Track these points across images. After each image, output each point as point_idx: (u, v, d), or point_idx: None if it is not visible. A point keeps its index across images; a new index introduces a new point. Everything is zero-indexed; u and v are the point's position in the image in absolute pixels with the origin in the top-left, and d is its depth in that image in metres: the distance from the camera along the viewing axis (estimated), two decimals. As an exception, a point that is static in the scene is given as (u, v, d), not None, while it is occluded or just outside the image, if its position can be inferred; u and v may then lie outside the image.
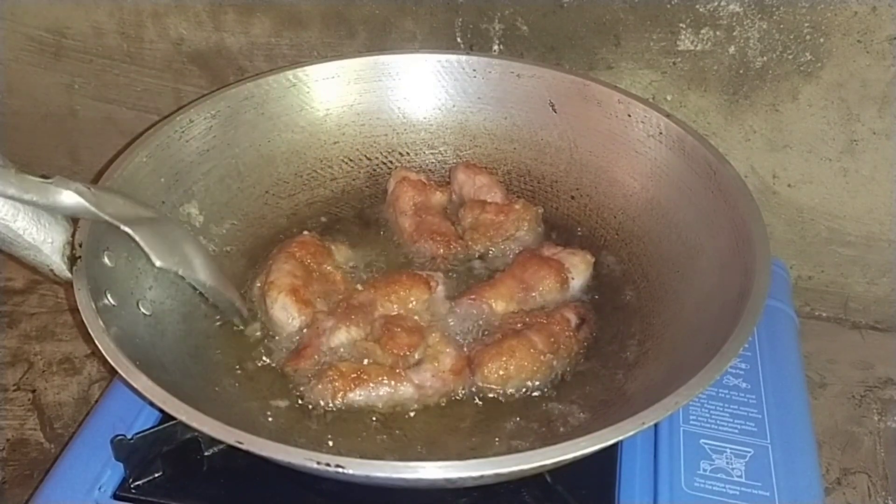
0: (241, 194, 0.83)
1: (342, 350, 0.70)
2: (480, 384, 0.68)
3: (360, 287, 0.75)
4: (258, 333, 0.73)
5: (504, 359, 0.68)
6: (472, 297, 0.73)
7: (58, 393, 0.92)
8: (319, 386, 0.66)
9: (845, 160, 0.88)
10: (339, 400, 0.66)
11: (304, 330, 0.72)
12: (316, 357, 0.69)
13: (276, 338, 0.72)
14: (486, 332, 0.72)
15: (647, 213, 0.79)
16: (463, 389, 0.68)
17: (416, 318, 0.72)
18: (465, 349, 0.71)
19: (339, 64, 0.87)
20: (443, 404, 0.68)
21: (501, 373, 0.68)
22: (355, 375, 0.66)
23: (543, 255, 0.77)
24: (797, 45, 0.83)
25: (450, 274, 0.78)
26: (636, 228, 0.80)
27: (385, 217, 0.86)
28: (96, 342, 0.57)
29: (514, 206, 0.82)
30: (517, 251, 0.79)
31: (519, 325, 0.71)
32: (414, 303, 0.73)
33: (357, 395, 0.66)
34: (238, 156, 0.83)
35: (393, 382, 0.67)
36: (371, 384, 0.66)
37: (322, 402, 0.66)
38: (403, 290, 0.73)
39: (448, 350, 0.69)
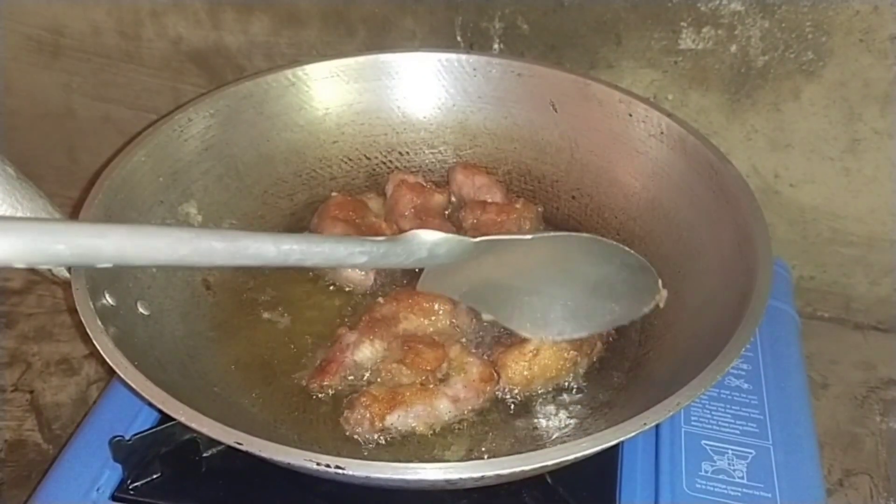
0: (239, 194, 0.82)
1: (367, 365, 0.68)
2: (505, 386, 0.68)
3: (381, 300, 0.73)
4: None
5: (528, 359, 0.67)
6: None
7: (56, 394, 0.92)
8: (356, 415, 0.64)
9: (847, 160, 0.87)
10: (378, 425, 0.63)
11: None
12: (340, 373, 0.68)
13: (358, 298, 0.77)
14: (508, 334, 0.71)
15: (648, 213, 0.79)
16: (496, 395, 0.68)
17: (440, 329, 0.71)
18: (486, 356, 0.69)
19: (339, 63, 0.86)
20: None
21: (526, 374, 0.67)
22: (391, 397, 0.64)
23: None
24: (799, 43, 0.83)
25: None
26: (637, 228, 0.79)
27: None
28: (95, 343, 0.57)
29: (515, 205, 0.82)
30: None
31: None
32: (438, 313, 0.71)
33: (395, 418, 0.64)
34: (237, 155, 0.82)
35: (428, 399, 0.65)
36: (407, 404, 0.64)
37: (360, 430, 0.64)
38: (427, 301, 0.71)
39: (471, 360, 0.68)
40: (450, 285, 0.65)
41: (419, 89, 0.88)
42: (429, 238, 0.58)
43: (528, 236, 0.60)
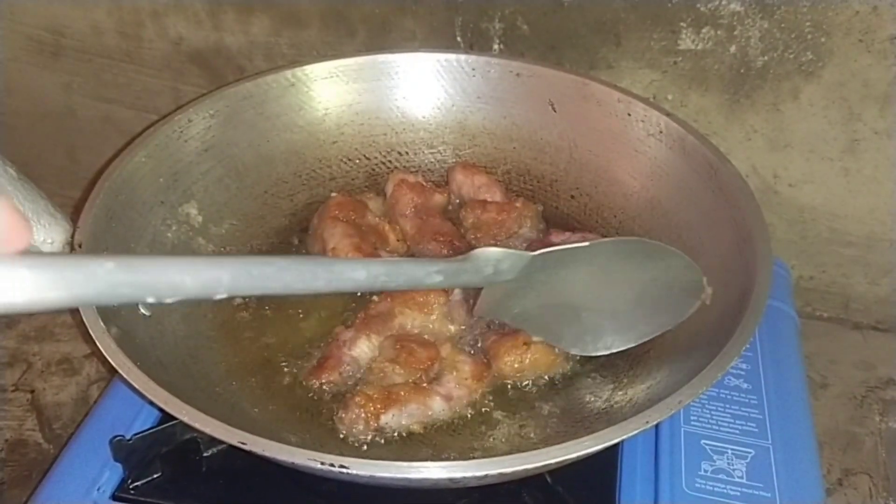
0: (240, 194, 0.82)
1: (365, 361, 0.69)
2: (496, 376, 0.68)
3: (375, 298, 0.73)
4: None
5: (520, 351, 0.67)
6: None
7: (56, 393, 0.92)
8: (350, 414, 0.64)
9: (847, 160, 0.87)
10: (374, 424, 0.63)
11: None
12: (338, 369, 0.68)
13: (356, 298, 0.76)
14: (499, 323, 0.71)
15: (647, 212, 0.79)
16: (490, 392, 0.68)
17: (434, 325, 0.71)
18: (478, 345, 0.70)
19: (339, 63, 0.87)
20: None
21: (517, 365, 0.67)
22: (384, 396, 0.64)
23: (555, 242, 0.77)
24: (798, 44, 0.83)
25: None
26: (636, 228, 0.80)
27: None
28: (97, 342, 0.57)
29: (515, 204, 0.82)
30: (522, 247, 0.79)
31: None
32: (432, 308, 0.71)
33: (390, 417, 0.64)
34: (237, 155, 0.82)
35: (422, 398, 0.65)
36: (402, 403, 0.64)
37: (355, 430, 0.64)
38: (421, 296, 0.71)
39: (463, 358, 0.68)
40: (504, 309, 0.65)
41: (419, 89, 0.88)
42: (493, 255, 0.58)
43: (586, 243, 0.60)
